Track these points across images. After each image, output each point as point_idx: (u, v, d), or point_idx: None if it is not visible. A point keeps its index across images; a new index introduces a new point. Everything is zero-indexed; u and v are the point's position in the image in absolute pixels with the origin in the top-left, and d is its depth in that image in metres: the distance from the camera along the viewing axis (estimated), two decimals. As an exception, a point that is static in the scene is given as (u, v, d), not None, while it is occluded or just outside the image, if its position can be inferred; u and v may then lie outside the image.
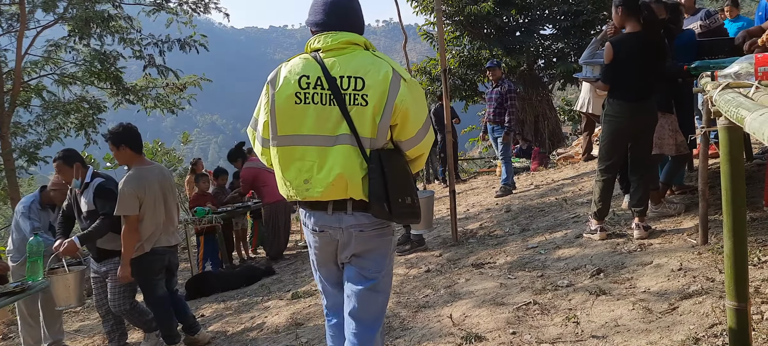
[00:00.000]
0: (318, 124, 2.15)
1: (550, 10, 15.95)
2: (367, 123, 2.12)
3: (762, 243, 3.50)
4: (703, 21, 5.48)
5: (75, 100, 12.42)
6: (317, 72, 2.16)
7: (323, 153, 2.14)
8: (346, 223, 2.20)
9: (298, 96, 2.16)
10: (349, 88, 2.13)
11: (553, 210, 6.09)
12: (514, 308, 3.45)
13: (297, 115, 2.16)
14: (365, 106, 2.11)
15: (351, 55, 2.18)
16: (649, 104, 4.19)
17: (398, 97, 2.12)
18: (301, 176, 2.19)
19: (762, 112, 1.38)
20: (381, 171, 2.11)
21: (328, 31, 2.23)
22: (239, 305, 5.72)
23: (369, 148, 2.14)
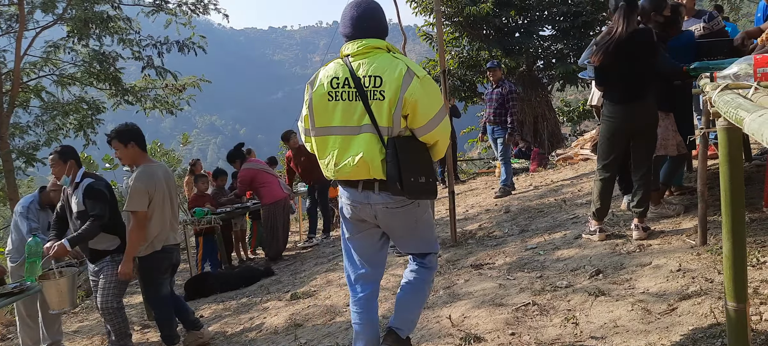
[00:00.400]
0: (345, 117, 2.59)
1: (550, 11, 15.98)
2: (384, 114, 2.54)
3: (761, 244, 3.50)
4: (706, 23, 5.47)
5: (74, 101, 12.41)
6: (345, 73, 2.62)
7: (350, 141, 2.60)
8: (374, 200, 2.65)
9: (330, 94, 2.63)
10: (371, 86, 2.56)
11: (552, 211, 6.10)
12: (513, 309, 3.45)
13: (329, 110, 2.63)
14: (382, 100, 2.53)
15: (373, 58, 2.61)
16: (643, 105, 4.16)
17: (408, 90, 2.50)
18: (333, 159, 2.65)
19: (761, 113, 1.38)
20: (395, 155, 2.52)
21: (355, 39, 2.68)
22: (238, 306, 5.72)
23: (386, 136, 2.56)
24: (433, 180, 2.64)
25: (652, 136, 4.29)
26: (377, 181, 2.60)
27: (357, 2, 2.72)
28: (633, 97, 4.16)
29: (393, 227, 2.77)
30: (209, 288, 6.54)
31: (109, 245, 4.36)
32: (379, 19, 2.72)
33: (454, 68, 15.93)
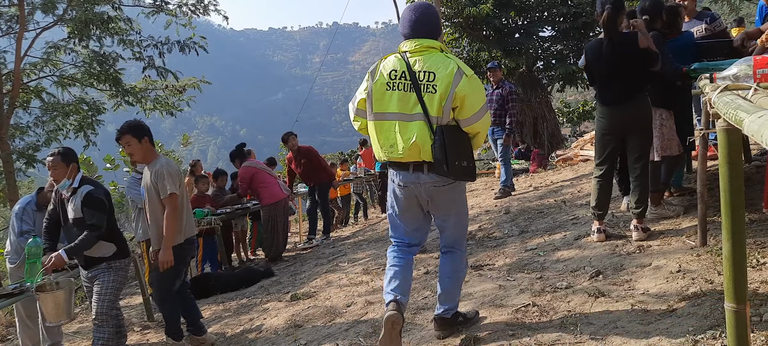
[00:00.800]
0: (400, 105, 2.97)
1: (549, 12, 16.00)
2: (435, 105, 2.91)
3: (761, 245, 3.50)
4: (708, 25, 5.47)
5: (74, 102, 12.41)
6: (403, 67, 2.99)
7: (403, 126, 2.96)
8: (423, 180, 3.02)
9: (389, 85, 3.00)
10: (424, 80, 2.93)
11: (552, 212, 6.10)
12: (513, 310, 3.45)
13: (386, 98, 3.01)
14: (434, 93, 2.90)
15: (428, 56, 2.97)
16: (632, 105, 4.19)
17: (458, 87, 2.88)
18: (388, 142, 3.02)
19: (761, 115, 1.38)
20: (443, 141, 2.88)
21: (413, 39, 3.04)
22: (238, 307, 5.72)
23: (436, 124, 2.92)
24: (473, 164, 3.03)
25: (645, 136, 4.28)
26: (426, 163, 2.97)
27: (415, 6, 3.10)
28: (621, 99, 4.20)
29: (437, 204, 3.14)
30: (209, 289, 6.54)
31: (106, 252, 4.27)
32: (434, 23, 3.08)
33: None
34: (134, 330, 5.73)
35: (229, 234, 8.77)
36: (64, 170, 4.22)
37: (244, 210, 8.68)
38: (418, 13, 3.06)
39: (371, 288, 4.92)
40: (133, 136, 4.27)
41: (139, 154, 4.35)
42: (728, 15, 27.93)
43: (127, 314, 6.51)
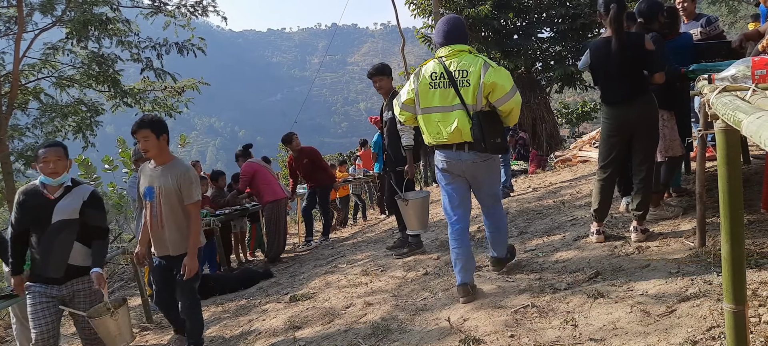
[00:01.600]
0: (441, 99, 3.79)
1: (548, 13, 16.02)
2: (470, 96, 3.70)
3: (759, 246, 3.51)
4: (703, 28, 5.50)
5: (72, 103, 12.40)
6: (441, 69, 3.81)
7: (445, 116, 3.79)
8: (464, 157, 3.84)
9: (431, 84, 3.81)
10: (459, 77, 3.73)
11: (551, 213, 6.10)
12: (513, 311, 3.45)
13: (430, 95, 3.83)
14: (468, 86, 3.70)
15: (460, 57, 3.78)
16: (635, 106, 4.18)
17: (486, 76, 3.65)
18: (435, 130, 3.84)
19: (759, 115, 1.39)
20: (479, 124, 3.66)
21: (447, 45, 3.85)
22: (237, 308, 5.71)
23: (472, 111, 3.70)
24: (505, 140, 3.82)
25: (652, 136, 4.28)
26: (467, 143, 3.76)
27: (446, 19, 3.93)
28: (628, 97, 4.17)
29: (476, 175, 3.92)
30: (208, 290, 6.54)
31: (87, 259, 3.90)
32: (462, 31, 3.88)
33: (453, 70, 15.94)
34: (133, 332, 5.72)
35: (228, 235, 8.76)
36: (65, 165, 3.86)
37: (243, 211, 8.67)
38: (449, 25, 3.88)
39: (370, 289, 4.91)
40: (152, 132, 4.03)
41: (154, 151, 4.08)
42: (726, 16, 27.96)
43: (126, 316, 6.50)
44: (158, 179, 4.11)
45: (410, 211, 5.43)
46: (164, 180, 4.09)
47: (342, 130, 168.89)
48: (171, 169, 4.12)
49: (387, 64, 6.04)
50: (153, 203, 4.14)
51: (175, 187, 4.07)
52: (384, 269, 5.51)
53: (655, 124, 4.29)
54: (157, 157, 4.14)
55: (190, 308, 4.25)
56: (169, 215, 4.10)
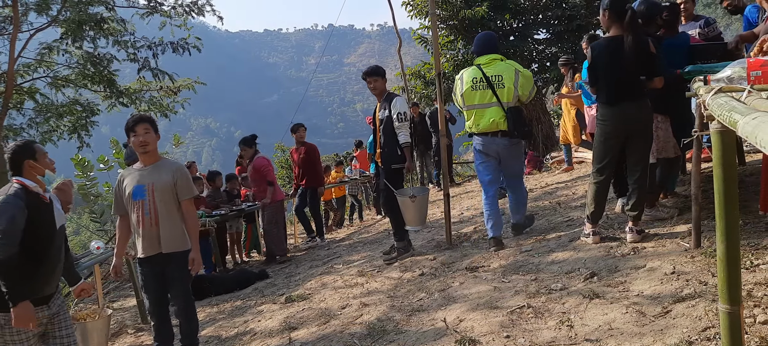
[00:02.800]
0: (481, 99, 5.08)
1: (544, 14, 16.03)
2: (505, 95, 5.00)
3: (754, 247, 3.52)
4: (702, 29, 5.51)
5: (68, 103, 12.36)
6: (480, 75, 5.08)
7: (483, 111, 5.09)
8: (497, 142, 5.12)
9: (473, 86, 5.10)
10: (495, 81, 5.02)
11: (546, 213, 6.11)
12: (508, 312, 3.45)
13: (472, 95, 5.11)
14: (504, 88, 5.00)
15: (495, 64, 5.09)
16: (635, 107, 4.19)
17: (518, 81, 5.01)
18: (476, 121, 5.13)
19: (755, 116, 1.39)
20: (512, 117, 4.99)
21: (484, 55, 5.17)
22: (232, 309, 5.70)
23: (506, 107, 5.00)
24: (530, 128, 5.09)
25: (647, 137, 4.29)
26: (500, 131, 5.05)
27: (483, 35, 5.38)
28: (624, 98, 4.18)
29: (506, 156, 5.19)
30: (203, 291, 6.52)
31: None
32: (494, 43, 5.29)
33: (449, 71, 15.92)
34: (128, 333, 5.71)
35: (224, 236, 8.74)
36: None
37: (239, 212, 8.65)
38: (485, 39, 5.30)
39: (366, 290, 4.91)
40: (151, 126, 4.00)
41: (153, 145, 4.02)
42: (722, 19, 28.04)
43: (121, 316, 6.49)
44: (149, 177, 4.02)
45: (415, 207, 5.49)
46: (157, 177, 4.01)
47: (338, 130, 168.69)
48: (163, 166, 4.08)
49: (381, 66, 6.07)
50: (144, 202, 3.98)
51: (170, 183, 3.99)
52: (380, 270, 5.51)
53: (651, 126, 4.31)
54: (152, 153, 4.05)
55: (185, 308, 4.13)
56: (164, 212, 3.99)
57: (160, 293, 4.10)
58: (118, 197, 4.13)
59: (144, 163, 4.08)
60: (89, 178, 12.29)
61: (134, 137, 3.97)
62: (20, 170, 3.23)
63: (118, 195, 4.13)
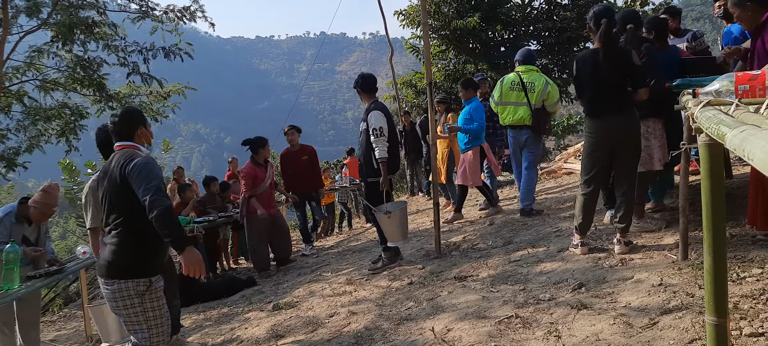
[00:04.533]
0: (516, 98, 6.45)
1: (535, 26, 16.15)
2: (533, 98, 6.36)
3: (741, 260, 3.54)
4: (689, 42, 5.57)
5: (57, 107, 12.27)
6: (517, 79, 6.49)
7: (515, 109, 6.46)
8: (522, 134, 6.49)
9: (510, 88, 6.46)
10: (529, 86, 6.39)
11: (535, 224, 6.12)
12: (496, 322, 3.45)
13: (509, 94, 6.50)
14: (534, 92, 6.37)
15: (531, 74, 6.49)
16: (619, 118, 4.22)
17: (547, 90, 6.40)
18: (509, 116, 6.49)
19: (742, 129, 1.40)
20: (537, 116, 6.39)
21: (524, 65, 6.56)
22: (219, 316, 5.66)
23: (533, 108, 6.36)
24: (550, 127, 6.76)
25: (634, 148, 4.31)
26: (526, 126, 6.41)
27: (526, 49, 6.77)
28: (608, 110, 4.22)
29: (527, 145, 6.51)
30: (190, 297, 6.47)
31: None
32: (535, 58, 6.69)
33: (441, 81, 16.00)
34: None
35: (215, 241, 8.69)
36: None
37: (226, 218, 8.60)
38: (527, 53, 6.69)
39: (355, 298, 4.89)
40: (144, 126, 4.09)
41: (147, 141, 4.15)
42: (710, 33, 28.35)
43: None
44: None
45: (392, 223, 5.40)
46: None
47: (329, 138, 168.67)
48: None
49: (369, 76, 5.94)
50: None
51: None
52: (368, 278, 5.49)
53: (638, 138, 4.33)
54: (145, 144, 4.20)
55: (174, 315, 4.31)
56: None
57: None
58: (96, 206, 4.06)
59: None
60: (76, 182, 12.19)
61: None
62: (132, 136, 3.27)
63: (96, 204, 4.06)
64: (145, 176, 3.00)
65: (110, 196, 3.11)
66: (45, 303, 8.13)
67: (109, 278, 3.04)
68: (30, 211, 5.11)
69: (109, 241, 3.08)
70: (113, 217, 3.09)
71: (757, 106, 1.84)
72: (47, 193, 5.19)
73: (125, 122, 3.26)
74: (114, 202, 3.09)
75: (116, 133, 3.25)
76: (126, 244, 3.05)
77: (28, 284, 4.56)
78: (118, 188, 3.06)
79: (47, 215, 5.23)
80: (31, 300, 5.09)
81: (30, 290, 4.50)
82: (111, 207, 3.10)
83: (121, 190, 3.05)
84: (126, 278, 3.03)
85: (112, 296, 3.06)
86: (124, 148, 3.21)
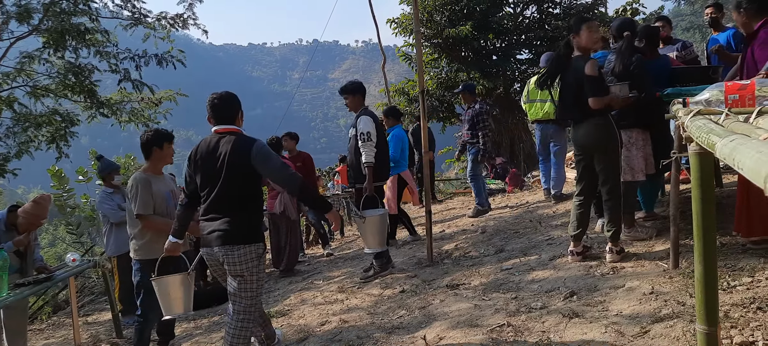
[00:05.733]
0: (542, 95, 7.11)
1: (527, 35, 16.22)
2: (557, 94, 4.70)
3: (731, 268, 3.55)
4: (679, 52, 5.62)
5: (47, 113, 12.17)
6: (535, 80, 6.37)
7: (542, 105, 7.22)
8: (549, 127, 7.33)
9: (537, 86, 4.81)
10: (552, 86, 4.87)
11: (527, 232, 6.13)
12: (488, 330, 3.44)
13: (536, 93, 7.19)
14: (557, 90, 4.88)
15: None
16: (585, 127, 4.29)
17: None
18: (536, 111, 7.35)
19: (732, 139, 1.41)
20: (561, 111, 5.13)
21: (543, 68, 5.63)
22: (210, 324, 5.62)
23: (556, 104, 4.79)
24: None
25: (609, 157, 4.28)
26: (551, 120, 7.14)
27: (548, 53, 7.12)
28: (577, 119, 4.30)
29: (555, 137, 7.30)
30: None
31: None
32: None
33: (433, 89, 16.03)
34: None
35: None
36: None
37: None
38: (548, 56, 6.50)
39: (346, 306, 4.87)
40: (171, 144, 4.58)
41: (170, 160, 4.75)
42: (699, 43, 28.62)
43: (96, 330, 6.36)
44: (169, 185, 4.64)
45: (367, 228, 5.30)
46: (173, 186, 4.68)
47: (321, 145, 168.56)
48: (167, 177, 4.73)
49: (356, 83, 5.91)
50: (171, 208, 4.47)
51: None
52: (360, 286, 5.47)
53: (611, 146, 4.27)
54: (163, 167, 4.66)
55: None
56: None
57: None
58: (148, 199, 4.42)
59: (155, 172, 4.56)
60: (66, 189, 12.09)
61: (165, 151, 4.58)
62: (234, 119, 3.61)
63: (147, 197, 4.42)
64: (271, 157, 3.50)
65: (228, 174, 3.44)
66: (33, 311, 8.05)
67: (237, 243, 3.42)
68: (19, 220, 5.06)
69: (229, 213, 3.45)
70: (229, 192, 3.46)
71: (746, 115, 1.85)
72: (38, 204, 5.15)
73: (229, 106, 3.59)
74: (232, 179, 3.44)
75: (218, 117, 3.56)
76: (247, 215, 3.48)
77: (16, 291, 4.51)
78: (237, 167, 3.43)
79: (35, 226, 5.20)
80: (19, 308, 5.03)
81: (17, 298, 4.45)
82: (227, 185, 3.44)
83: (241, 168, 3.43)
84: (249, 243, 3.45)
85: (238, 261, 3.43)
86: (229, 132, 3.54)
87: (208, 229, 3.49)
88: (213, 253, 3.50)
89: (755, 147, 1.20)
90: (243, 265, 3.44)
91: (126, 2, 12.55)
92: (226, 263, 3.46)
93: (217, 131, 3.56)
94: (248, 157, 3.43)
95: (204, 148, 3.57)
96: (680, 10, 42.57)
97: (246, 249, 3.44)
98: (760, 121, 1.76)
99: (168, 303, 3.89)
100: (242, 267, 3.44)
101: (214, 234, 3.45)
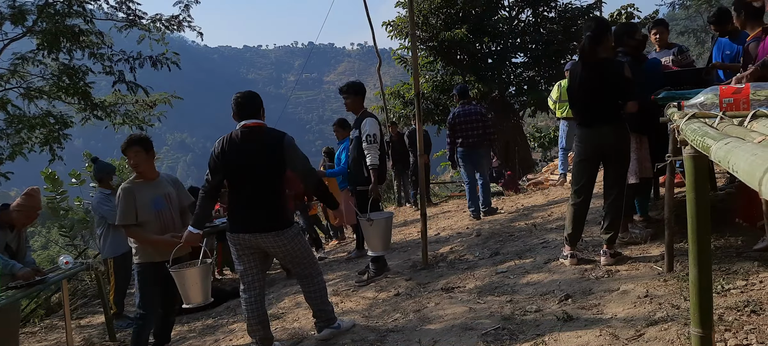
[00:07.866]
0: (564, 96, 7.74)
1: (522, 39, 16.24)
2: None
3: (725, 272, 3.56)
4: (675, 56, 5.64)
5: (41, 115, 12.10)
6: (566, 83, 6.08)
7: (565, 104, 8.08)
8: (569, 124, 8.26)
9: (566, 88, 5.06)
10: None
11: (522, 235, 6.13)
12: (483, 333, 3.43)
13: (566, 95, 5.62)
14: None
15: None
16: (607, 129, 4.25)
17: None
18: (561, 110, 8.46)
19: (727, 142, 1.40)
20: None
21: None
22: (203, 328, 5.60)
23: None
24: None
25: (622, 160, 4.33)
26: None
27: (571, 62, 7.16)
28: (600, 120, 4.24)
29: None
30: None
31: None
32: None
33: (428, 92, 16.04)
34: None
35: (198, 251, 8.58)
36: None
37: (212, 229, 8.52)
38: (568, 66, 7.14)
39: (341, 310, 4.86)
40: (142, 148, 4.31)
41: (145, 166, 4.35)
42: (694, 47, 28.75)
43: (88, 333, 6.33)
44: (161, 189, 4.42)
45: (372, 231, 5.32)
46: (168, 189, 4.48)
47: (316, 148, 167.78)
48: (166, 180, 4.57)
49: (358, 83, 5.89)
50: (163, 212, 4.37)
51: (175, 194, 4.52)
52: (355, 289, 5.46)
53: (626, 149, 4.35)
54: (147, 172, 4.38)
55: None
56: (178, 219, 4.49)
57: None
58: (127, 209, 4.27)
59: (146, 178, 4.38)
60: (59, 192, 12.03)
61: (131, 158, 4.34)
62: (258, 113, 3.91)
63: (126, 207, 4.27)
64: (298, 149, 3.87)
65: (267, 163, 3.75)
66: (26, 314, 8.00)
67: (282, 228, 3.79)
68: (13, 216, 5.05)
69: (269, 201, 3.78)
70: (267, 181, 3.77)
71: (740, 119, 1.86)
72: (30, 196, 5.15)
73: (252, 102, 3.90)
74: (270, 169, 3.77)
75: (244, 113, 3.84)
76: (282, 201, 3.87)
77: (8, 294, 4.48)
78: (269, 158, 3.75)
79: (31, 218, 5.20)
80: (10, 311, 5.00)
81: (9, 301, 4.42)
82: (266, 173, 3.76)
83: (275, 158, 3.76)
84: (290, 225, 3.86)
85: (287, 242, 3.82)
86: (257, 126, 3.83)
87: (250, 217, 3.75)
88: (252, 239, 3.78)
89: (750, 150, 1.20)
90: (292, 242, 3.83)
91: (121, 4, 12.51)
92: (273, 247, 3.81)
93: (245, 126, 3.79)
94: (281, 148, 3.76)
95: (234, 142, 3.79)
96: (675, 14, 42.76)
97: (290, 231, 3.83)
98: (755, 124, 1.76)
99: (186, 293, 3.99)
100: (292, 244, 3.83)
101: (260, 223, 3.74)
